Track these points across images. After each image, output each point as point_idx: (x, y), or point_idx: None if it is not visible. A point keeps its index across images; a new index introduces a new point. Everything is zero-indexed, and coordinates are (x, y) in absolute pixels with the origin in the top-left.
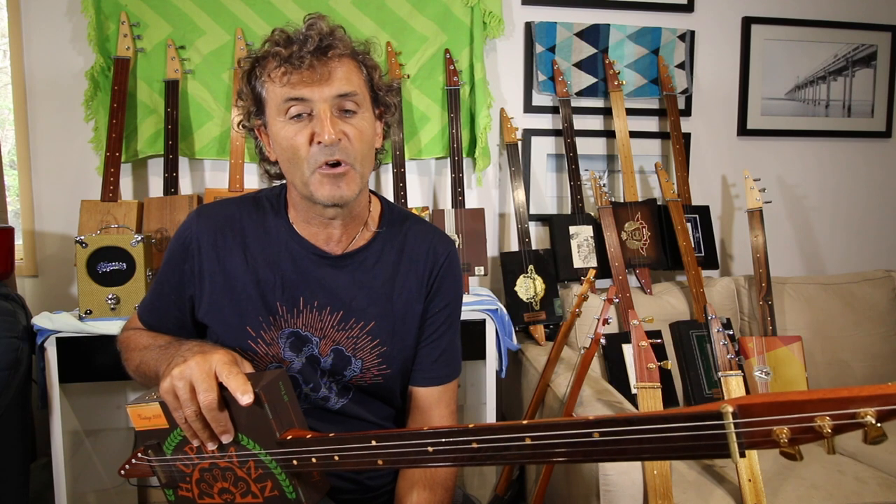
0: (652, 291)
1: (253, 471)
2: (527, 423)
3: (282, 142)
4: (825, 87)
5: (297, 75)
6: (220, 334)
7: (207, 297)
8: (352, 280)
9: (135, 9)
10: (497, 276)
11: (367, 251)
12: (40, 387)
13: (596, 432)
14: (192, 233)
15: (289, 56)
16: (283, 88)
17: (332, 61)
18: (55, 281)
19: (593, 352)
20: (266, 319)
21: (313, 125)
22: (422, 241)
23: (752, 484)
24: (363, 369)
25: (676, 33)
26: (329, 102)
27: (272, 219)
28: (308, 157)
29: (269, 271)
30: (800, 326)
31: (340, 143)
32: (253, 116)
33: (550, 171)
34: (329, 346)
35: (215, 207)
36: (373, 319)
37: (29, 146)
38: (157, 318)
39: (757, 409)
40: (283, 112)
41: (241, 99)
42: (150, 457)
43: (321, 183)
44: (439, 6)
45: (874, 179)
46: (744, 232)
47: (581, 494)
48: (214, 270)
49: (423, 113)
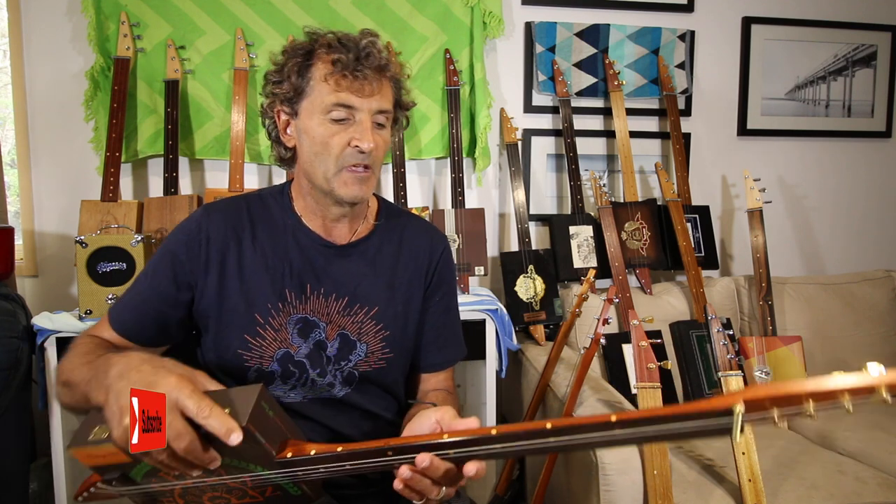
0: (652, 291)
1: (249, 482)
2: (551, 426)
3: (317, 137)
4: (825, 87)
5: (351, 84)
6: (227, 328)
7: (214, 287)
8: (356, 268)
9: (135, 9)
10: (497, 276)
11: (369, 242)
12: (40, 387)
13: (617, 429)
14: (199, 225)
15: (352, 66)
16: (335, 93)
17: (383, 78)
18: (55, 281)
19: (593, 352)
20: (276, 306)
21: (353, 131)
22: (420, 235)
23: (752, 484)
24: (367, 353)
25: (676, 33)
26: (371, 115)
27: (279, 212)
28: (341, 156)
29: (278, 259)
30: (800, 326)
31: (372, 151)
32: (286, 103)
33: (550, 171)
34: (335, 330)
35: (222, 202)
36: (376, 304)
37: (29, 146)
38: (137, 315)
39: (762, 403)
40: (327, 111)
41: (278, 83)
42: (115, 486)
43: (347, 182)
44: (439, 6)
45: (874, 179)
46: (744, 232)
47: (581, 494)
48: (223, 260)
49: (423, 113)
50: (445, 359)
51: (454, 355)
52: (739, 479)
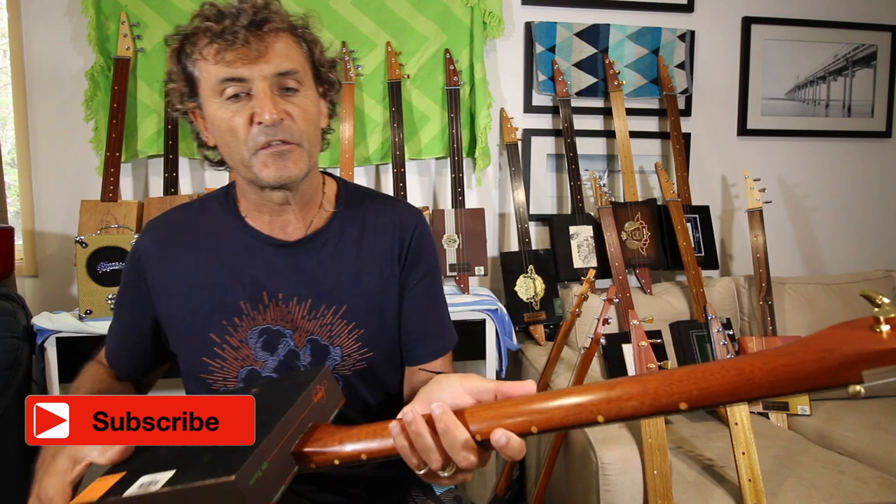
0: (652, 291)
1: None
2: (686, 406)
3: (219, 124)
4: (825, 87)
5: (232, 52)
6: (183, 351)
7: (165, 311)
8: (315, 265)
9: (135, 9)
10: (497, 276)
11: (327, 233)
12: (40, 387)
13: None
14: (137, 249)
15: (221, 31)
16: (217, 67)
17: (269, 36)
18: (55, 281)
19: (593, 352)
20: (231, 322)
21: (253, 105)
22: (385, 214)
23: (752, 484)
24: (344, 356)
25: (676, 33)
26: (269, 80)
27: (222, 216)
28: (248, 139)
29: (226, 271)
30: (800, 326)
31: (283, 122)
32: (186, 99)
33: (550, 171)
34: (303, 337)
35: (161, 217)
36: (344, 303)
37: (29, 146)
38: (117, 344)
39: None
40: (219, 93)
41: (171, 81)
42: None
43: (265, 164)
44: (439, 6)
45: (874, 179)
46: (744, 232)
47: (581, 494)
48: (168, 282)
49: (423, 113)
50: (433, 348)
51: (444, 343)
52: (739, 479)
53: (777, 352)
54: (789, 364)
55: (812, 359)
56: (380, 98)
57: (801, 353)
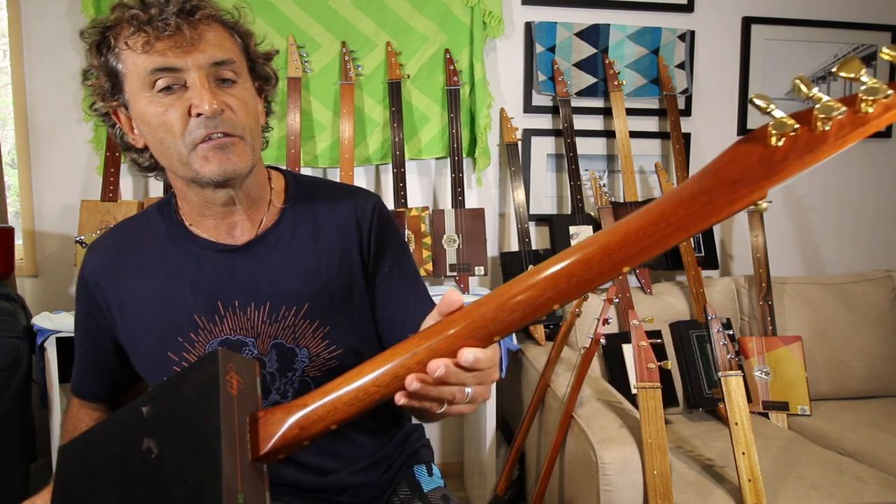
0: (652, 291)
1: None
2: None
3: (151, 119)
4: (825, 87)
5: (163, 42)
6: (145, 372)
7: (122, 332)
8: (268, 266)
9: None
10: (497, 276)
11: (278, 231)
12: (40, 387)
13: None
14: (86, 272)
15: (149, 19)
16: (146, 57)
17: (201, 24)
18: (55, 281)
19: (593, 352)
20: (187, 338)
21: (189, 96)
22: (339, 202)
23: (752, 484)
24: (312, 357)
25: (676, 33)
26: (204, 70)
27: (165, 227)
28: (185, 134)
29: (176, 285)
30: (800, 326)
31: (223, 114)
32: (108, 97)
33: (550, 171)
34: (267, 343)
35: (104, 237)
36: (305, 301)
37: (29, 146)
38: (83, 375)
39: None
40: (149, 86)
41: (87, 78)
42: None
43: (206, 158)
44: (439, 6)
45: (874, 179)
46: (744, 232)
47: (581, 494)
48: (119, 303)
49: (423, 113)
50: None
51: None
52: (739, 479)
53: (692, 193)
54: (708, 202)
55: (726, 192)
56: (380, 98)
57: (715, 189)
